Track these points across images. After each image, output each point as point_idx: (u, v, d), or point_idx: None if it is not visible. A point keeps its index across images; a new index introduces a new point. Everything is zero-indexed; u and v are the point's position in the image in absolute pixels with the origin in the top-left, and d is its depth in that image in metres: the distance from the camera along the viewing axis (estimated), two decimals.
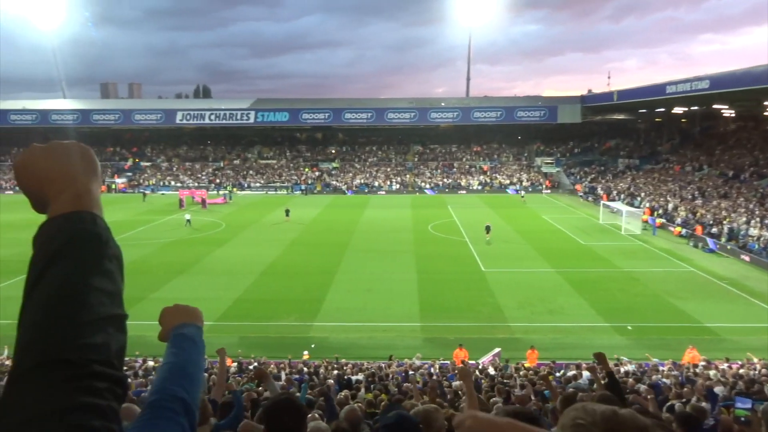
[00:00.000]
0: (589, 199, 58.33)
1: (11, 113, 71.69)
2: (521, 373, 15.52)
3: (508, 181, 69.03)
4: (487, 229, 38.79)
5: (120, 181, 69.90)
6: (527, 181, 68.66)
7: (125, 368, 12.92)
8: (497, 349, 19.12)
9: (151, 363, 17.06)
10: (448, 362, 17.96)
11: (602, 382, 7.13)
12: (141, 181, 71.18)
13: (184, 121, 72.11)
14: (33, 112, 72.38)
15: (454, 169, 73.13)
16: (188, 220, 43.94)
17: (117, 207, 54.80)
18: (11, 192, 67.74)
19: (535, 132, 76.96)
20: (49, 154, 1.18)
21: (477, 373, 15.59)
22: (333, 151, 78.38)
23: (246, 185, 69.84)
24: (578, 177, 66.62)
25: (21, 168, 1.20)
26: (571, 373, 14.63)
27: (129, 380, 12.83)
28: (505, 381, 13.57)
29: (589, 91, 73.48)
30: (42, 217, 1.23)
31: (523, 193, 61.68)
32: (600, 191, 57.88)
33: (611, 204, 47.66)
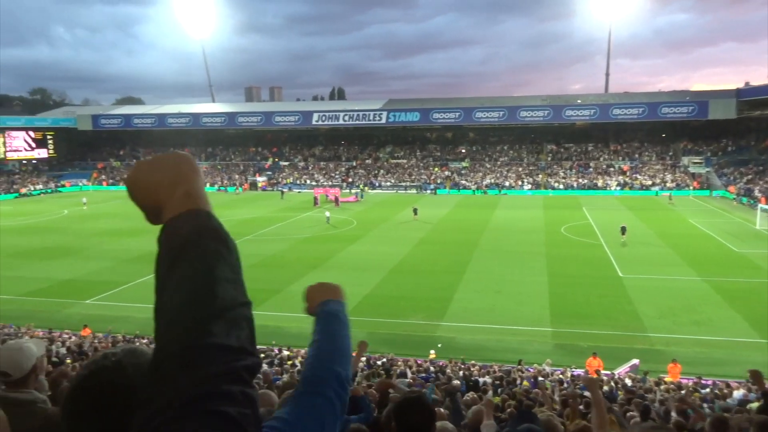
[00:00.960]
0: (745, 201, 53.19)
1: (168, 117, 78.86)
2: (661, 387, 14.49)
3: (650, 182, 64.79)
4: (623, 230, 37.08)
5: (261, 180, 74.34)
6: (672, 181, 63.98)
7: (262, 356, 13.72)
8: (635, 361, 18.01)
9: (286, 352, 17.94)
10: (581, 371, 17.19)
11: (758, 403, 6.46)
12: (279, 179, 75.21)
13: (320, 122, 75.24)
14: (187, 115, 79.09)
15: (591, 169, 69.89)
16: (328, 217, 45.77)
17: (258, 204, 58.35)
18: None
19: (682, 129, 71.37)
20: (154, 165, 1.23)
21: (612, 384, 14.78)
22: (463, 151, 77.96)
23: (377, 184, 71.46)
24: (732, 178, 60.94)
25: (132, 182, 1.25)
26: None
27: (265, 367, 13.56)
28: (643, 395, 12.74)
29: (747, 83, 66.85)
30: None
31: (671, 194, 57.39)
32: (758, 193, 52.56)
33: None
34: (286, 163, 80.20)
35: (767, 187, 53.37)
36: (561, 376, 16.09)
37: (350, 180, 72.99)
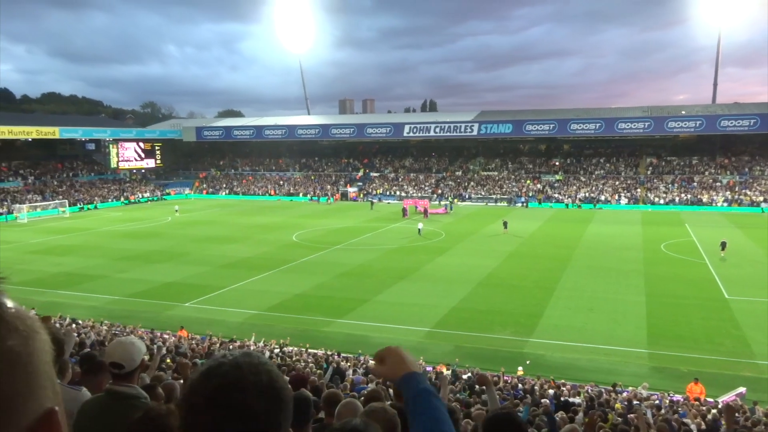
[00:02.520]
0: None
1: (266, 128, 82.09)
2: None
3: (761, 198, 60.29)
4: (723, 245, 35.56)
5: (351, 190, 75.69)
6: None
7: (349, 364, 13.87)
8: (741, 389, 16.72)
9: (372, 362, 18.06)
10: (681, 396, 16.17)
11: None
12: (370, 190, 76.24)
13: (411, 134, 75.75)
14: (283, 127, 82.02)
15: (694, 184, 65.98)
16: (420, 229, 45.94)
17: (348, 214, 59.40)
18: (263, 197, 77.27)
19: None
20: None
21: (714, 412, 13.79)
22: (556, 163, 75.88)
23: (467, 196, 70.88)
24: None
25: None
26: None
27: (348, 375, 13.70)
28: (751, 428, 11.78)
29: None
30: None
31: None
32: None
33: None
34: (377, 174, 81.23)
35: None
36: (658, 401, 15.20)
37: (440, 192, 72.83)
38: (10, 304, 0.79)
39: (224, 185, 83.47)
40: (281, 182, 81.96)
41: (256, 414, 1.23)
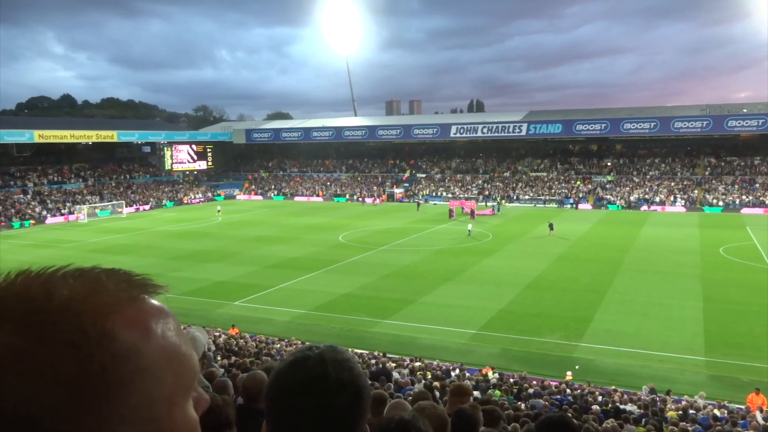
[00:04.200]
0: None
1: (313, 130, 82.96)
2: None
3: None
4: None
5: (398, 191, 75.67)
6: None
7: (394, 365, 13.78)
8: None
9: (417, 363, 17.94)
10: (741, 406, 15.44)
11: None
12: (416, 191, 76.05)
13: (458, 135, 75.21)
14: (330, 129, 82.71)
15: (757, 185, 63.23)
16: (470, 230, 45.66)
17: (394, 215, 59.40)
18: (306, 198, 78.07)
19: None
20: None
21: None
22: (608, 164, 73.98)
23: (515, 197, 69.89)
24: None
25: None
26: None
27: (396, 376, 13.60)
28: None
29: None
30: None
31: None
32: None
33: None
34: (423, 175, 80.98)
35: None
36: (717, 411, 14.54)
37: (487, 193, 72.03)
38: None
39: (273, 186, 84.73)
40: (328, 183, 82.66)
41: (336, 409, 1.28)
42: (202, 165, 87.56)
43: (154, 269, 34.87)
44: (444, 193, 73.87)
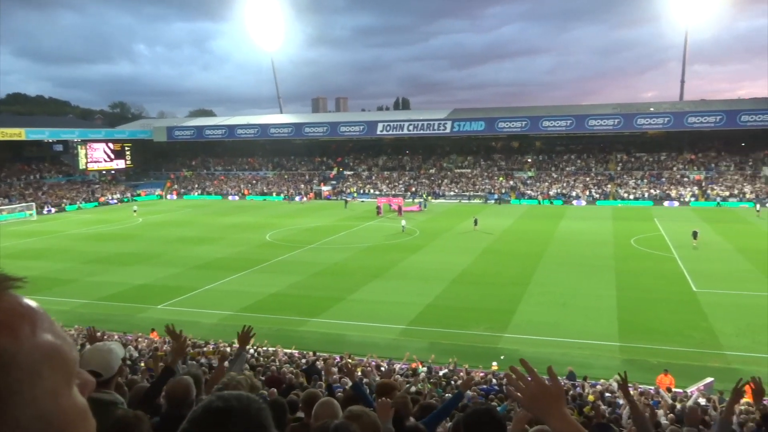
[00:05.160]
0: None
1: (238, 128, 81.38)
2: (742, 408, 13.69)
3: (727, 193, 61.74)
4: (695, 234, 37.50)
5: (325, 189, 75.47)
6: (751, 192, 60.71)
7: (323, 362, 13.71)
8: (709, 379, 17.11)
9: (348, 361, 18.05)
10: (652, 388, 16.49)
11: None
12: (344, 188, 76.12)
13: (384, 132, 75.77)
14: (255, 126, 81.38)
15: (663, 179, 67.28)
16: (404, 226, 46.20)
17: (322, 213, 59.25)
18: (236, 198, 76.65)
19: (764, 138, 67.73)
20: None
21: (689, 404, 14.08)
22: (529, 160, 76.67)
23: (440, 194, 71.21)
24: None
25: None
26: None
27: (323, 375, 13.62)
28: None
29: None
30: None
31: (758, 206, 54.27)
32: None
33: None
34: (350, 173, 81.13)
35: None
36: (632, 392, 15.46)
37: (414, 190, 73.04)
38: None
39: (196, 185, 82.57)
40: (254, 181, 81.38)
41: None
42: (120, 164, 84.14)
43: (69, 274, 33.35)
44: (371, 191, 74.32)
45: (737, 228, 45.17)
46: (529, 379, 1.89)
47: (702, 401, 14.66)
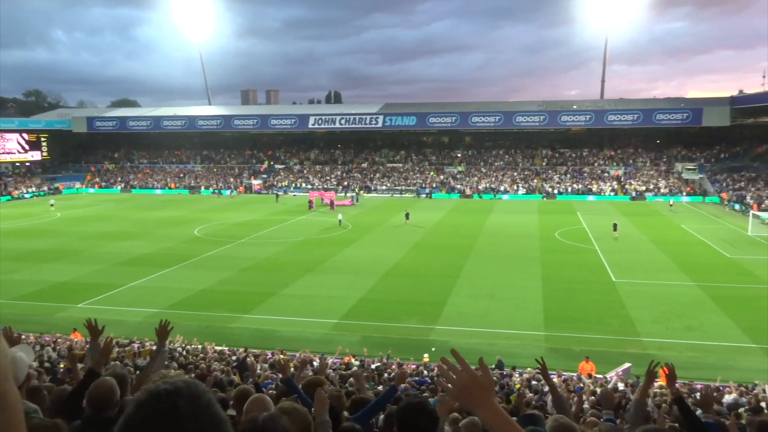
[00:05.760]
0: (737, 208, 53.47)
1: (164, 119, 78.71)
2: (657, 391, 14.51)
3: (643, 187, 65.04)
4: (615, 226, 39.77)
5: (256, 183, 74.27)
6: (665, 187, 64.22)
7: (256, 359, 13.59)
8: (627, 365, 18.05)
9: (280, 356, 17.90)
10: (575, 374, 17.22)
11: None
12: (275, 182, 75.15)
13: (316, 126, 75.25)
14: (182, 117, 78.97)
15: (585, 174, 70.11)
16: (340, 220, 46.21)
17: (252, 207, 58.31)
18: (160, 191, 74.26)
19: (676, 136, 71.81)
20: None
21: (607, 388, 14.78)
22: (459, 155, 78.10)
23: (372, 188, 71.49)
24: (724, 184, 61.31)
25: None
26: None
27: (258, 372, 13.48)
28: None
29: (741, 91, 67.43)
30: None
31: (671, 201, 57.37)
32: (750, 200, 52.86)
33: (762, 214, 43.30)
34: (282, 167, 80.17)
35: (759, 194, 53.66)
36: (555, 380, 16.09)
37: (346, 183, 72.99)
38: None
39: (119, 179, 79.42)
40: (182, 175, 79.09)
41: None
42: (36, 155, 79.78)
43: None
44: (303, 184, 73.72)
45: (652, 221, 47.69)
46: (460, 370, 1.88)
47: (621, 386, 15.46)
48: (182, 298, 26.59)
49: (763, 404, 12.71)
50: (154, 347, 16.93)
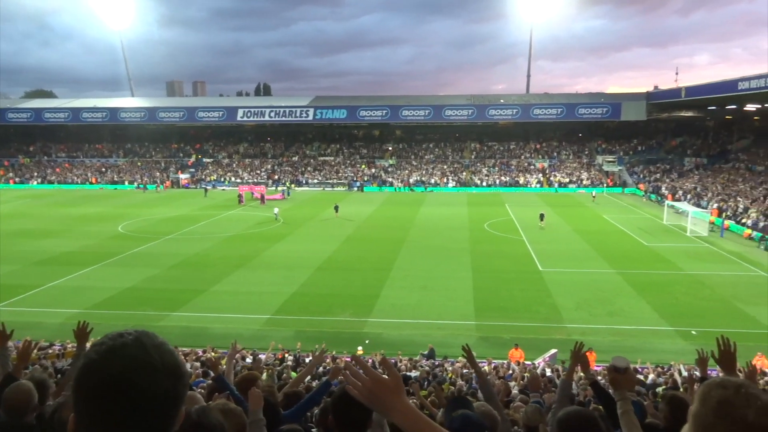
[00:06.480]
0: (653, 198, 56.44)
1: (84, 111, 75.12)
2: (581, 375, 15.13)
3: (567, 180, 67.55)
4: (541, 216, 41.22)
5: (183, 177, 72.17)
6: (587, 179, 66.96)
7: (186, 358, 13.25)
8: (554, 350, 18.76)
9: (211, 354, 17.53)
10: (505, 361, 17.74)
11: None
12: (203, 176, 73.28)
13: (245, 119, 73.80)
14: (103, 110, 75.61)
15: (513, 167, 72.08)
16: (276, 214, 45.50)
17: (180, 202, 56.67)
18: (80, 186, 70.97)
19: (597, 129, 75.01)
20: None
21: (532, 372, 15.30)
22: (390, 148, 78.55)
23: (304, 181, 70.90)
24: (642, 176, 64.58)
25: None
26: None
27: (190, 371, 13.18)
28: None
29: (656, 87, 70.94)
30: None
31: (594, 192, 59.76)
32: (665, 191, 55.91)
33: (677, 204, 45.95)
34: (210, 160, 78.24)
35: (673, 185, 56.79)
36: (486, 368, 16.53)
37: (276, 177, 72.05)
38: None
39: (35, 173, 75.29)
40: (104, 169, 75.83)
41: (161, 393, 1.24)
42: None
43: None
44: (233, 178, 72.24)
45: (576, 212, 49.63)
46: (364, 375, 1.80)
47: (548, 371, 16.05)
48: (106, 297, 25.56)
49: (678, 381, 13.52)
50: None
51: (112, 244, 36.51)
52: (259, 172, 74.21)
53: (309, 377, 8.53)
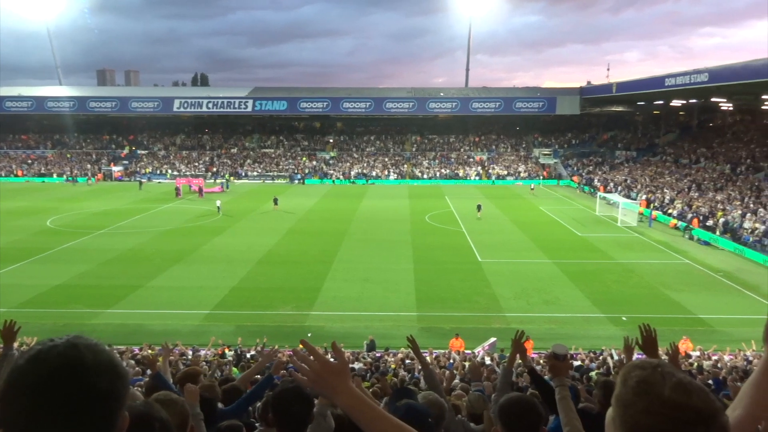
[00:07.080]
0: (587, 190, 58.45)
1: (6, 100, 71.25)
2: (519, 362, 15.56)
3: (505, 172, 69.05)
4: (479, 207, 42.52)
5: (116, 170, 69.68)
6: (525, 171, 68.66)
7: (122, 356, 12.88)
8: (493, 339, 19.21)
9: (149, 351, 17.07)
10: (446, 351, 18.04)
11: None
12: (138, 169, 70.96)
13: (182, 109, 71.78)
14: (29, 99, 71.95)
15: (452, 160, 73.07)
16: (219, 207, 44.57)
17: (113, 195, 54.76)
18: (4, 179, 67.53)
19: (534, 123, 76.98)
20: None
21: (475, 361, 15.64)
22: (330, 141, 78.19)
23: (243, 174, 69.71)
24: (576, 168, 66.75)
25: None
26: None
27: (128, 368, 12.83)
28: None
29: (588, 82, 73.39)
30: None
31: (533, 185, 61.25)
32: (597, 183, 57.98)
33: (608, 195, 47.74)
34: (145, 152, 75.79)
35: (605, 177, 58.97)
36: (428, 358, 16.77)
37: (215, 170, 70.53)
38: None
39: None
40: (29, 161, 72.29)
41: (98, 392, 1.20)
42: None
43: None
44: (169, 171, 70.23)
45: (514, 203, 50.84)
46: (312, 359, 1.85)
47: (487, 360, 16.43)
48: (34, 295, 24.45)
49: (611, 365, 14.10)
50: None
51: (40, 239, 34.92)
52: (197, 164, 72.45)
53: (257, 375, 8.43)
